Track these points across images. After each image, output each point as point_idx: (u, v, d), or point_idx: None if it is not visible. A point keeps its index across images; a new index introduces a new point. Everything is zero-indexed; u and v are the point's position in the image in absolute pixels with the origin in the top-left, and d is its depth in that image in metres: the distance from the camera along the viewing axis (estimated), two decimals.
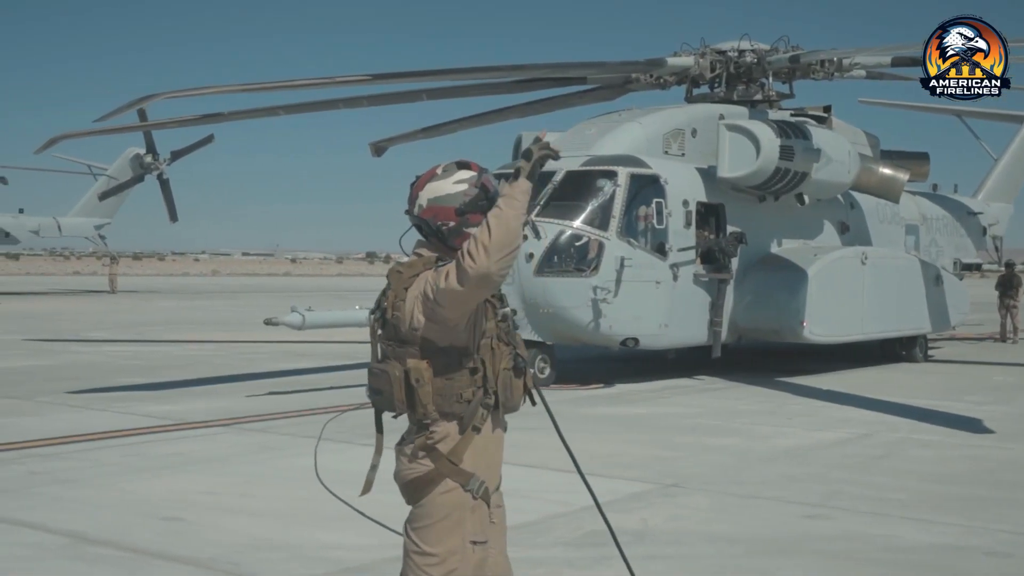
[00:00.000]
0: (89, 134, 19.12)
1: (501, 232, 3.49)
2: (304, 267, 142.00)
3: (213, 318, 31.99)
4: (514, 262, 3.56)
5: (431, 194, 3.87)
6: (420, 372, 3.73)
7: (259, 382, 15.60)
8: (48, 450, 9.95)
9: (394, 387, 3.76)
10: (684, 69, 18.80)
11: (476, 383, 3.77)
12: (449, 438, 3.77)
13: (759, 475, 9.27)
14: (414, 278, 3.77)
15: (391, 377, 3.77)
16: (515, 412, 3.93)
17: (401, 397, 3.77)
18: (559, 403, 13.73)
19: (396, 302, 3.76)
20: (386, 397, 3.81)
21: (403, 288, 3.77)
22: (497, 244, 3.48)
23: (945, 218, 23.42)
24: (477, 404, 3.77)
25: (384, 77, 16.93)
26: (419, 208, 3.87)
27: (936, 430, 11.89)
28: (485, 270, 3.48)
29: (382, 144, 24.62)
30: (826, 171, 17.58)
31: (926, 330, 20.34)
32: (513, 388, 3.87)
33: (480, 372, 3.77)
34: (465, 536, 3.80)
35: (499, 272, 3.51)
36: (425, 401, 3.74)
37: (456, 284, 3.54)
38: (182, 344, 22.24)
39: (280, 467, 9.14)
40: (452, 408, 3.76)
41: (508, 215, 3.52)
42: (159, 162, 47.51)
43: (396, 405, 3.80)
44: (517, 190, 3.58)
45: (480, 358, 3.77)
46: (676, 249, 16.03)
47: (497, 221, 3.51)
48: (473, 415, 3.77)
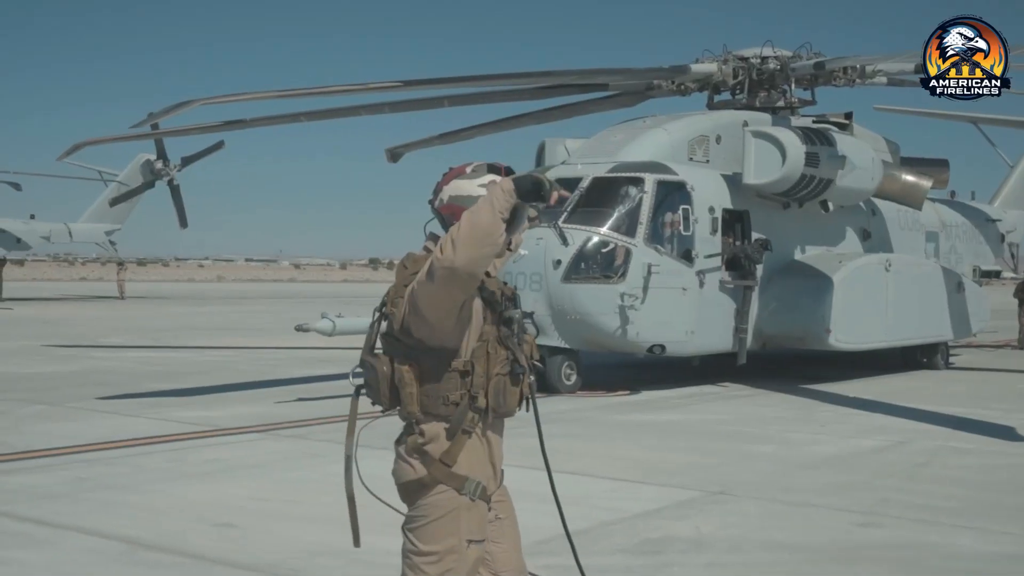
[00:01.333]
0: (113, 140, 19.15)
1: (469, 227, 3.45)
2: (308, 273, 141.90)
3: (227, 324, 31.98)
4: (488, 262, 3.50)
5: (454, 191, 3.86)
6: (403, 374, 3.70)
7: (286, 388, 15.60)
8: (90, 456, 9.93)
9: (380, 383, 3.76)
10: (707, 76, 18.80)
11: (464, 386, 3.71)
12: (439, 440, 3.73)
13: (804, 482, 9.25)
14: (415, 274, 3.70)
15: (378, 373, 3.75)
16: (510, 417, 3.87)
17: (387, 394, 3.76)
18: (588, 410, 13.82)
19: (395, 298, 3.75)
20: (372, 391, 3.81)
21: (403, 284, 3.74)
22: (465, 239, 3.43)
23: (964, 225, 23.39)
24: (465, 408, 3.72)
25: (414, 84, 16.95)
26: (440, 202, 3.88)
27: (972, 438, 11.85)
28: (449, 263, 3.42)
29: (398, 150, 24.65)
30: (850, 178, 17.57)
31: (948, 337, 20.31)
32: (507, 394, 3.78)
33: (470, 376, 3.71)
34: (461, 535, 3.76)
35: (465, 267, 3.43)
36: (408, 402, 3.72)
37: (424, 276, 3.52)
38: (201, 350, 22.23)
39: (325, 473, 9.11)
40: (438, 410, 3.72)
41: (482, 211, 3.49)
42: (170, 168, 47.56)
43: (383, 401, 3.79)
44: (497, 189, 3.54)
45: (471, 361, 3.71)
46: (702, 256, 16.02)
47: (469, 216, 3.49)
48: (462, 419, 3.72)
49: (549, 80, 18.60)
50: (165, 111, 15.13)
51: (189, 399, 14.24)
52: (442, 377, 3.70)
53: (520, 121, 22.24)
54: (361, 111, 19.52)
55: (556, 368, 15.25)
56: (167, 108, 15.11)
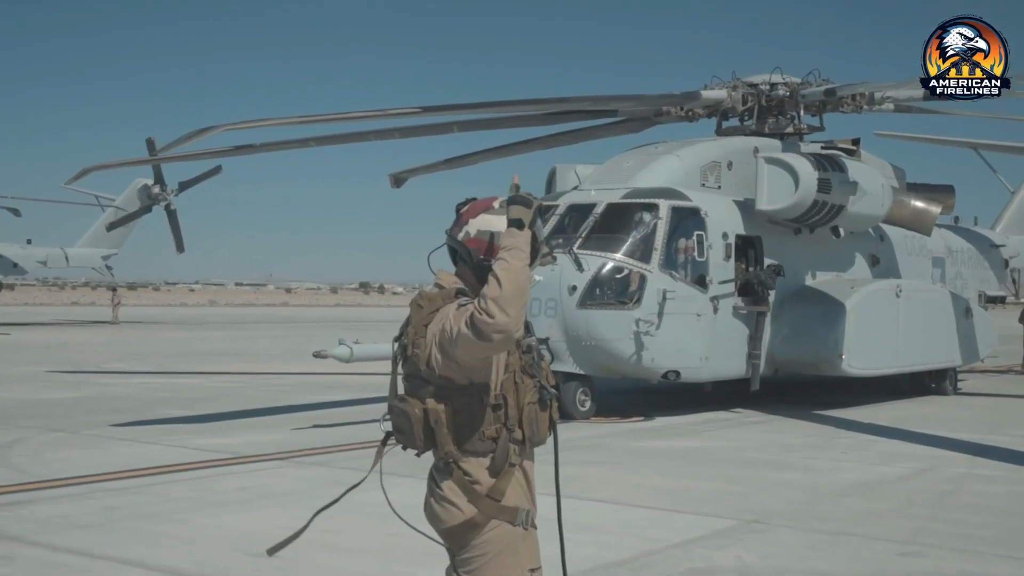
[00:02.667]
0: (120, 165, 19.12)
1: (512, 286, 3.44)
2: (300, 297, 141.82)
3: (228, 349, 31.86)
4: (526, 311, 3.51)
5: (484, 226, 3.81)
6: (438, 414, 3.67)
7: (299, 415, 15.52)
8: (115, 484, 9.85)
9: (414, 427, 3.71)
10: (717, 102, 18.86)
11: (499, 420, 3.70)
12: (481, 476, 3.71)
13: (836, 511, 9.20)
14: (434, 313, 3.70)
15: (411, 416, 3.70)
16: (542, 445, 3.85)
17: (421, 436, 3.72)
18: (606, 436, 13.77)
19: (416, 339, 3.71)
20: (407, 436, 3.76)
21: (423, 324, 3.71)
22: (509, 297, 3.42)
23: (969, 250, 23.47)
24: (506, 442, 3.71)
25: (424, 110, 16.95)
26: (466, 235, 3.82)
27: (995, 465, 11.83)
28: (503, 326, 3.41)
29: (402, 175, 24.62)
30: (861, 204, 17.62)
31: (956, 363, 20.33)
32: (539, 422, 3.78)
33: (503, 408, 3.70)
34: (523, 566, 3.75)
35: (517, 324, 3.44)
36: (444, 442, 3.68)
37: (472, 336, 3.46)
38: (206, 375, 22.12)
39: (359, 502, 8.88)
40: (476, 446, 3.69)
41: (516, 267, 3.48)
42: (167, 193, 47.49)
43: (418, 444, 3.75)
44: (521, 240, 3.55)
45: (502, 394, 3.71)
46: (716, 282, 16.03)
47: (507, 275, 3.46)
48: (505, 454, 3.71)
49: (560, 106, 18.63)
50: (188, 136, 15.11)
51: (204, 426, 14.15)
52: (476, 413, 3.69)
53: (526, 147, 22.26)
54: (371, 136, 19.54)
55: (571, 394, 15.20)
56: (190, 134, 15.09)
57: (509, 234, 3.57)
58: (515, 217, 3.59)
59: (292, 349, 32.03)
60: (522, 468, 3.80)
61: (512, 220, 3.60)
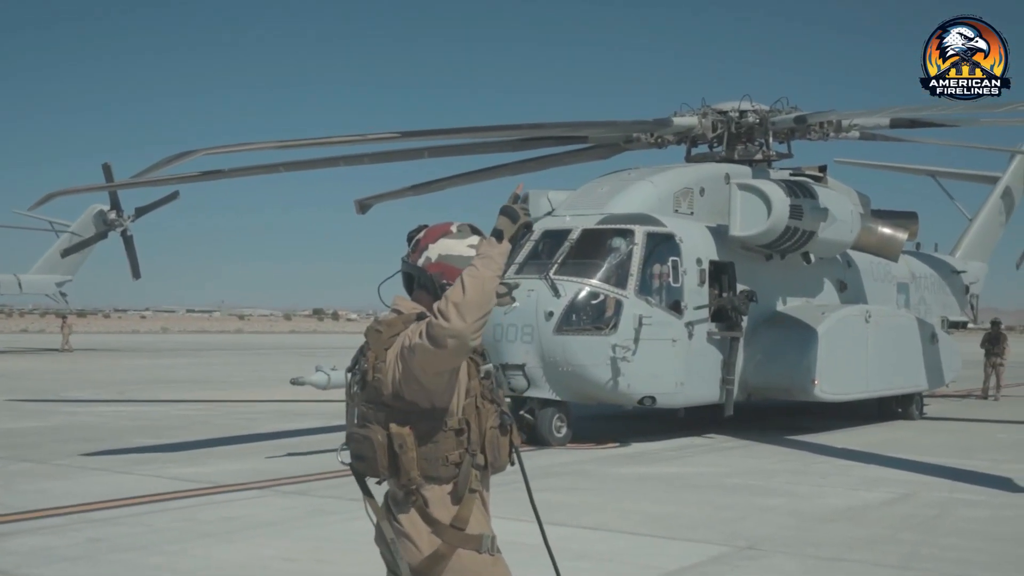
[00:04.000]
0: (87, 190, 18.83)
1: (476, 293, 3.38)
2: (253, 324, 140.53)
3: (189, 376, 31.44)
4: (487, 326, 3.48)
5: (444, 250, 3.79)
6: (403, 438, 3.61)
7: (272, 443, 15.31)
8: (95, 515, 9.62)
9: (377, 453, 3.65)
10: (688, 129, 18.98)
11: (462, 445, 3.66)
12: (444, 503, 3.67)
13: (828, 536, 9.20)
14: (394, 338, 3.66)
15: (374, 443, 3.64)
16: (502, 471, 3.83)
17: (385, 463, 3.65)
18: (585, 463, 13.71)
19: (377, 363, 3.67)
20: (369, 463, 3.70)
21: (383, 349, 3.67)
22: (471, 304, 3.37)
23: (932, 276, 23.75)
24: (468, 467, 3.68)
25: (394, 136, 16.90)
26: (426, 260, 3.78)
27: (975, 489, 11.90)
28: (458, 331, 3.36)
29: (368, 201, 24.51)
30: (831, 230, 17.78)
31: (923, 387, 20.53)
32: (500, 447, 3.76)
33: (465, 433, 3.67)
34: None
35: (473, 334, 3.39)
36: (409, 468, 3.62)
37: (427, 342, 3.43)
38: (171, 404, 21.78)
39: (347, 531, 8.89)
40: (439, 472, 3.64)
41: (485, 275, 3.43)
42: (123, 219, 46.94)
43: (380, 471, 3.69)
44: (496, 251, 3.50)
45: (464, 419, 3.67)
46: (691, 307, 16.07)
47: (473, 281, 3.41)
48: (467, 479, 3.68)
49: (532, 132, 18.65)
50: (166, 161, 14.91)
51: (177, 455, 13.90)
52: (439, 438, 3.65)
53: (493, 173, 22.24)
54: (341, 162, 19.42)
55: (547, 420, 15.14)
56: (168, 159, 14.88)
57: (487, 243, 3.54)
58: (498, 228, 3.56)
59: (254, 376, 31.72)
60: (481, 495, 3.77)
61: (495, 230, 3.57)
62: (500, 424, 3.76)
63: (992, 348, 26.31)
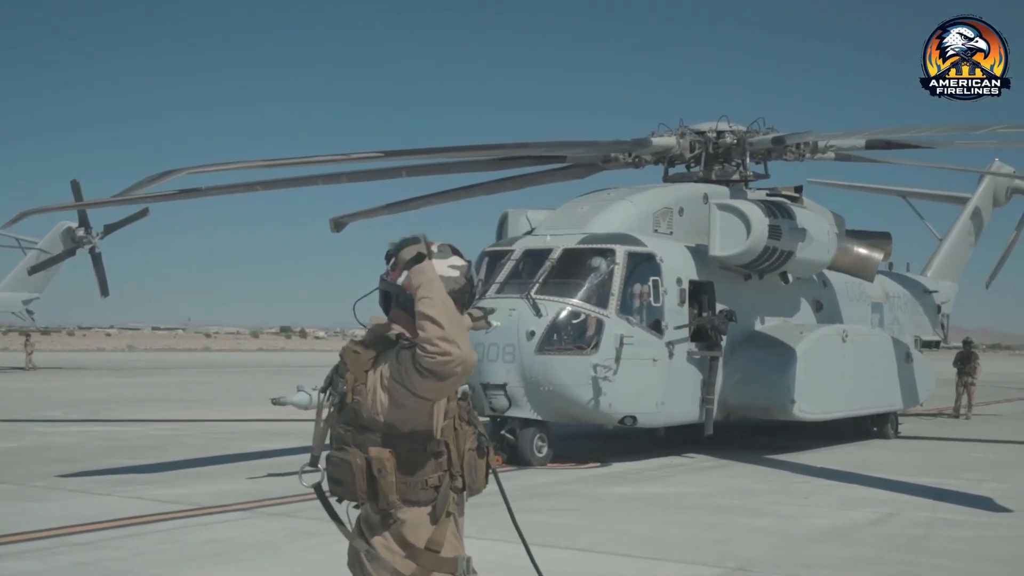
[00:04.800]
0: (62, 208, 18.68)
1: (448, 318, 3.42)
2: (221, 342, 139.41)
3: (160, 395, 31.16)
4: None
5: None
6: (383, 462, 3.56)
7: (252, 463, 15.17)
8: (78, 538, 9.48)
9: (356, 477, 3.61)
10: (666, 149, 19.08)
11: (441, 467, 3.63)
12: (421, 527, 3.63)
13: (818, 557, 9.22)
14: (373, 359, 3.63)
15: (352, 467, 3.59)
16: (479, 493, 3.83)
17: (364, 487, 3.59)
18: (568, 483, 13.69)
19: (356, 386, 3.63)
20: (347, 487, 3.65)
21: (363, 371, 3.63)
22: (452, 329, 3.40)
23: (905, 296, 23.93)
24: (447, 490, 3.65)
25: (393, 154, 16.91)
26: (406, 279, 3.72)
27: (957, 509, 11.96)
28: (462, 358, 3.39)
29: (343, 219, 24.44)
30: (809, 250, 17.89)
31: (898, 406, 20.67)
32: (478, 470, 3.74)
33: (445, 455, 3.64)
34: None
35: (472, 354, 3.44)
36: (388, 491, 3.58)
37: (433, 381, 3.43)
38: (146, 423, 21.56)
39: (335, 554, 8.74)
40: (417, 496, 3.61)
41: (440, 297, 3.46)
42: (92, 236, 46.49)
43: (358, 495, 3.63)
44: (430, 272, 3.55)
45: (444, 441, 3.64)
46: (672, 327, 16.10)
47: (437, 309, 3.44)
48: (445, 502, 3.65)
49: (511, 152, 18.67)
50: (149, 180, 14.79)
51: (156, 475, 13.76)
52: (419, 460, 3.61)
53: (469, 192, 22.28)
54: (319, 181, 19.34)
55: (528, 440, 15.10)
56: (151, 177, 14.76)
57: (415, 272, 3.55)
58: (411, 256, 3.57)
59: (227, 395, 31.50)
60: (456, 521, 3.74)
61: (409, 260, 3.58)
62: (478, 446, 3.74)
63: (964, 367, 26.53)
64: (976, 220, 29.87)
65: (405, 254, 3.60)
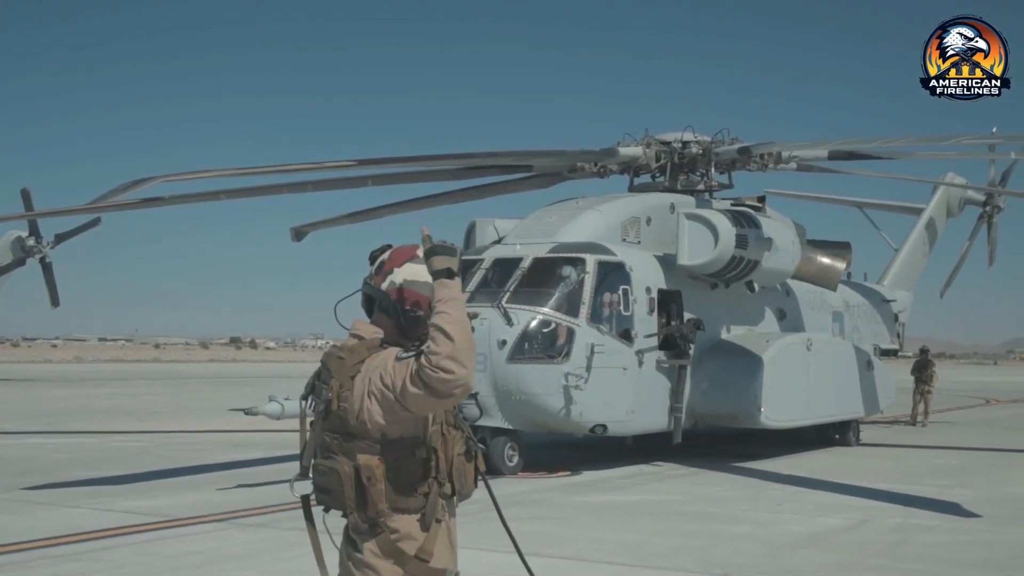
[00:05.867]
0: (18, 217, 18.34)
1: (463, 338, 3.36)
2: (170, 353, 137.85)
3: (115, 407, 30.70)
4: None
5: (410, 276, 3.69)
6: (372, 470, 3.49)
7: (219, 474, 15.01)
8: (54, 551, 9.30)
9: (345, 486, 3.51)
10: (632, 159, 19.16)
11: (430, 474, 3.57)
12: (413, 535, 3.57)
13: (801, 563, 9.27)
14: (359, 364, 3.55)
15: (341, 475, 3.50)
16: (468, 498, 3.78)
17: (352, 496, 3.51)
18: (542, 492, 13.68)
19: (342, 392, 3.53)
20: (336, 496, 3.54)
21: (349, 377, 3.54)
22: (463, 350, 3.35)
23: (865, 305, 24.22)
24: (436, 496, 3.59)
25: (373, 162, 16.83)
26: (390, 284, 3.69)
27: (927, 515, 12.08)
28: (464, 380, 3.34)
29: (304, 229, 24.29)
30: (774, 259, 18.04)
31: (860, 414, 20.88)
32: (466, 474, 3.69)
33: (433, 461, 3.58)
34: None
35: (473, 378, 3.40)
36: (377, 500, 3.50)
37: (427, 395, 3.36)
38: (105, 435, 21.25)
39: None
40: (407, 503, 3.54)
41: (460, 318, 3.39)
42: (42, 245, 45.71)
43: (347, 504, 3.53)
44: (455, 290, 3.48)
45: (432, 447, 3.58)
46: (641, 335, 16.16)
47: (455, 327, 3.36)
48: (434, 509, 3.58)
49: (479, 161, 18.65)
50: (123, 187, 14.58)
51: (123, 487, 13.55)
52: (408, 467, 3.55)
53: (432, 201, 22.22)
54: (284, 190, 19.19)
55: (499, 449, 15.06)
56: (125, 185, 14.55)
57: (441, 285, 3.46)
58: (442, 267, 3.48)
59: (183, 405, 31.13)
60: (447, 525, 3.68)
61: (439, 271, 3.48)
62: (466, 451, 3.69)
63: (921, 375, 26.88)
64: (930, 230, 30.28)
65: (437, 263, 3.50)
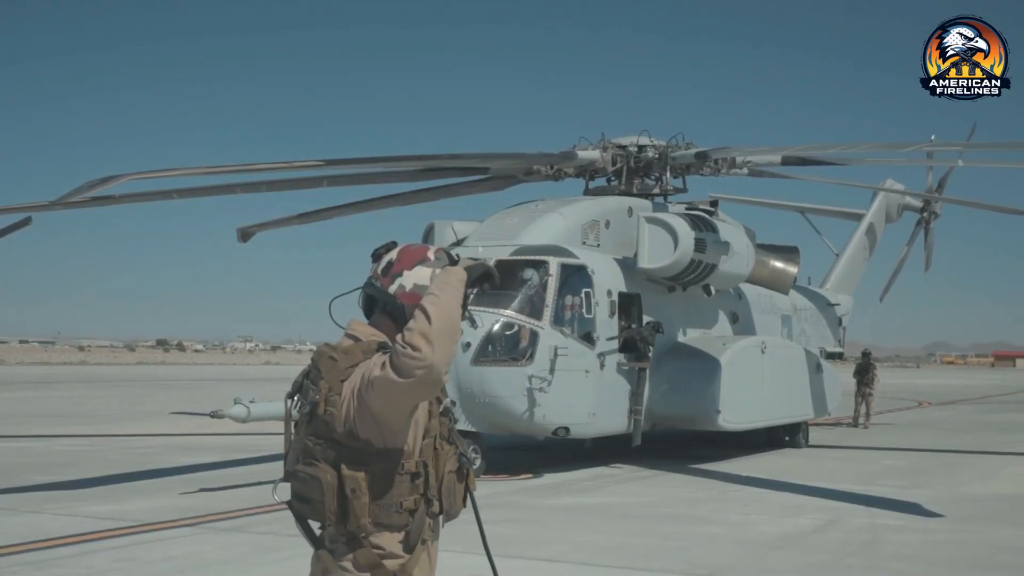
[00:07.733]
0: None
1: (443, 320, 3.09)
2: (96, 355, 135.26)
3: (53, 410, 30.05)
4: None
5: (420, 279, 3.45)
6: (357, 482, 3.26)
7: (179, 478, 14.78)
8: (27, 557, 9.07)
9: (326, 496, 3.27)
10: (590, 162, 19.24)
11: (418, 490, 3.34)
12: (394, 554, 3.33)
13: (781, 563, 9.37)
14: (352, 368, 3.30)
15: (322, 484, 3.27)
16: (455, 520, 3.53)
17: (334, 508, 3.28)
18: (508, 495, 13.66)
19: (330, 396, 3.28)
20: (315, 507, 3.31)
21: (339, 380, 3.30)
22: (439, 332, 3.07)
23: (811, 309, 24.58)
24: (423, 515, 3.35)
25: (334, 163, 16.67)
26: (399, 288, 3.45)
27: (893, 515, 12.25)
28: (429, 362, 3.04)
29: (250, 230, 23.97)
30: (731, 263, 18.23)
31: (810, 416, 21.17)
32: (456, 493, 3.46)
33: (422, 477, 3.35)
34: None
35: (443, 365, 3.09)
36: (360, 514, 3.27)
37: (392, 374, 3.09)
38: (52, 439, 20.82)
39: (297, 568, 8.61)
40: (391, 520, 3.31)
41: (447, 301, 3.14)
42: None
43: (327, 516, 3.30)
44: (454, 277, 3.24)
45: (423, 461, 3.35)
46: (603, 338, 16.22)
47: (436, 308, 3.11)
48: (420, 528, 3.35)
49: (436, 163, 18.59)
50: (90, 185, 14.23)
51: (83, 492, 13.28)
52: (394, 481, 3.30)
53: (384, 203, 22.09)
54: (237, 190, 18.92)
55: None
56: (92, 183, 14.20)
57: (445, 271, 3.26)
58: (477, 275, 3.36)
59: (122, 409, 30.57)
60: (430, 548, 3.45)
61: (481, 277, 3.37)
62: (458, 468, 3.45)
63: (863, 378, 27.35)
64: (871, 235, 30.83)
65: (473, 270, 3.36)
